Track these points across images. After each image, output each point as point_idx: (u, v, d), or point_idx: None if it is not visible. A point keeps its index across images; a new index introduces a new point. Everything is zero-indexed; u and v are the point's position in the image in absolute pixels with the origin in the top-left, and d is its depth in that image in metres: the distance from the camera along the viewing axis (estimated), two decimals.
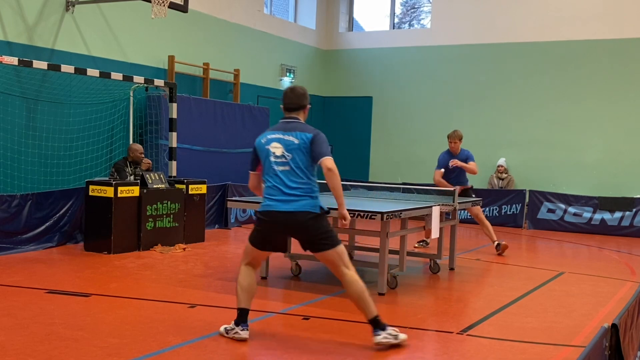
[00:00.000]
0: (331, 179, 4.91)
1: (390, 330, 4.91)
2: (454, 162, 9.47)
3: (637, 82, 13.47)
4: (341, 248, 4.96)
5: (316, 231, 4.89)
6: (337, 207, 5.12)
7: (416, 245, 9.94)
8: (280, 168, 4.92)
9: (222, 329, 5.06)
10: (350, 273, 4.93)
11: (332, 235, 4.94)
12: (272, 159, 4.93)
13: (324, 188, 5.37)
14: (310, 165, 4.94)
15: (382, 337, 4.86)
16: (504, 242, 9.75)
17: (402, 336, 4.94)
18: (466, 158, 9.63)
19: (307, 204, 4.88)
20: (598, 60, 13.78)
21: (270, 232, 5.02)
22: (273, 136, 5.00)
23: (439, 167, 9.69)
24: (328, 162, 4.86)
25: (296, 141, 4.90)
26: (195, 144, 11.56)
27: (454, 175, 9.60)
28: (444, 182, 9.55)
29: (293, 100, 5.07)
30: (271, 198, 4.93)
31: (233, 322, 5.04)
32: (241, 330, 4.99)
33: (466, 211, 13.22)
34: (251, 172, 5.19)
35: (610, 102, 13.69)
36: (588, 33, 13.84)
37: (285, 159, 4.91)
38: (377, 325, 4.90)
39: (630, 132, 13.51)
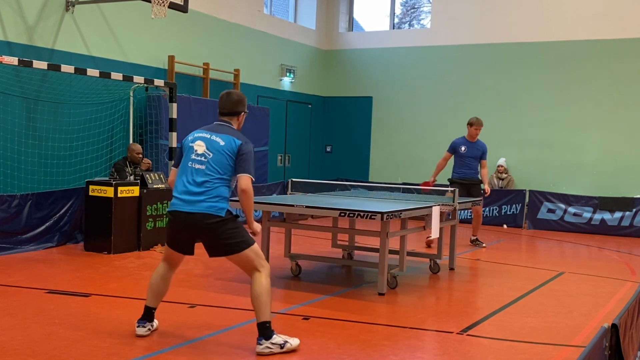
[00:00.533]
0: (242, 200, 4.78)
1: (277, 339, 4.68)
2: (487, 192, 9.94)
3: (638, 82, 13.47)
4: (250, 250, 4.78)
5: (220, 235, 4.73)
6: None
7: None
8: (197, 166, 4.79)
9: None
10: (257, 275, 4.78)
11: (238, 238, 4.76)
12: (193, 156, 4.81)
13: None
14: (229, 169, 4.78)
15: (264, 346, 4.65)
16: (483, 245, 10.08)
17: (293, 343, 4.74)
18: (482, 153, 9.95)
19: (212, 207, 4.71)
20: (598, 60, 13.77)
21: (175, 232, 4.92)
22: (200, 134, 4.90)
23: (450, 150, 9.99)
24: (244, 181, 4.73)
25: (222, 142, 4.77)
26: None
27: (466, 164, 9.85)
28: (439, 169, 9.80)
29: (226, 105, 4.96)
30: (178, 197, 4.81)
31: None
32: (138, 327, 5.00)
33: (467, 211, 13.23)
34: (173, 167, 5.05)
35: (610, 102, 13.69)
36: (588, 33, 13.83)
37: (205, 158, 4.78)
38: (262, 332, 4.69)
39: (630, 132, 13.51)
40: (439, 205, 7.35)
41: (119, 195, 8.59)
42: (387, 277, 6.76)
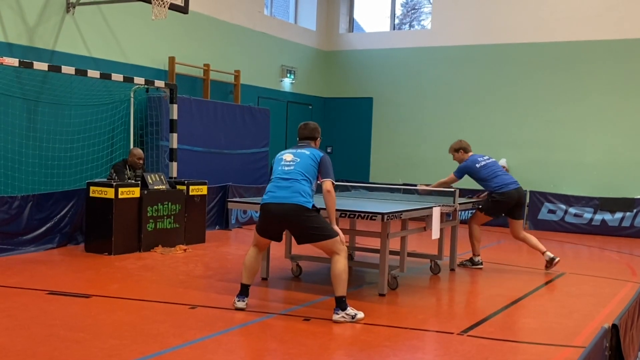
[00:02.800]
0: (328, 200, 5.76)
1: (349, 310, 5.61)
2: (422, 189, 8.95)
3: (638, 82, 13.46)
4: (334, 240, 5.69)
5: (308, 224, 5.66)
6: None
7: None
8: (286, 168, 5.82)
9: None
10: (337, 257, 5.69)
11: (324, 228, 5.69)
12: (283, 163, 5.88)
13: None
14: (313, 173, 5.80)
15: (340, 316, 5.58)
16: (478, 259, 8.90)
17: (359, 315, 5.64)
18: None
19: (301, 200, 5.64)
20: (599, 61, 13.77)
21: (266, 222, 5.87)
22: (288, 150, 6.04)
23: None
24: (329, 184, 5.76)
25: (307, 152, 5.89)
26: (196, 145, 11.56)
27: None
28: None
29: (305, 133, 6.20)
30: (271, 193, 5.79)
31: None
32: (237, 301, 5.89)
33: (467, 212, 13.21)
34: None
35: (610, 103, 13.69)
36: (588, 33, 13.83)
37: (293, 162, 5.83)
38: (339, 304, 5.61)
39: (630, 133, 13.51)
40: (439, 206, 7.35)
41: (120, 196, 8.59)
42: (387, 277, 6.76)
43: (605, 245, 11.36)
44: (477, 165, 8.66)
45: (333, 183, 5.79)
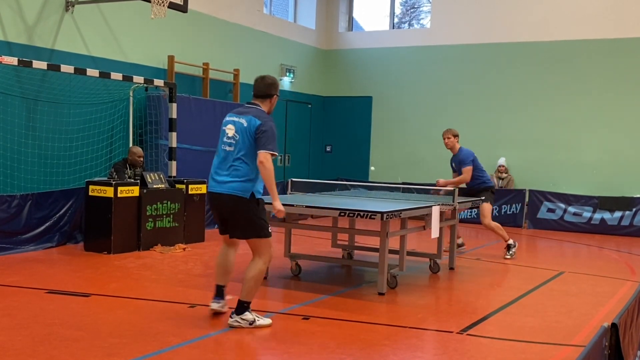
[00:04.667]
0: (262, 173, 5.14)
1: (248, 315, 5.20)
2: (438, 184, 9.17)
3: (638, 81, 13.47)
4: (263, 241, 5.22)
5: (240, 215, 5.18)
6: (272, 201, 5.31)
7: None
8: (227, 148, 5.25)
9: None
10: (257, 259, 5.24)
11: (255, 223, 5.18)
12: (225, 139, 5.27)
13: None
14: (253, 150, 5.16)
15: (234, 319, 5.22)
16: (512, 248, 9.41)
17: (262, 322, 5.24)
18: (459, 162, 9.24)
19: (237, 188, 5.13)
20: (598, 60, 13.77)
21: (213, 212, 5.45)
22: (230, 118, 5.35)
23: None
24: (261, 155, 5.08)
25: (245, 124, 5.19)
26: (195, 144, 11.55)
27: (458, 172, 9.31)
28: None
29: (260, 87, 5.43)
30: (212, 178, 5.33)
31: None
32: (212, 303, 5.54)
33: (466, 211, 13.23)
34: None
35: (610, 102, 13.69)
36: (588, 33, 13.83)
37: (234, 140, 5.22)
38: (238, 307, 5.22)
39: (630, 132, 13.51)
40: (438, 205, 7.35)
41: (119, 195, 8.59)
42: (387, 276, 6.76)
43: (605, 244, 11.37)
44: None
45: (271, 154, 5.11)
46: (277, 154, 5.18)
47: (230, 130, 5.25)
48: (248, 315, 5.18)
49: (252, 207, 5.16)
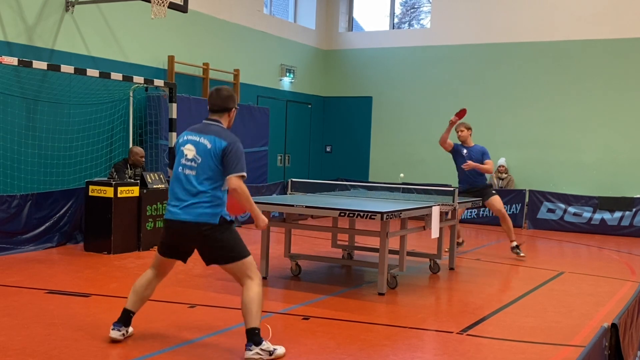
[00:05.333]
0: (237, 199, 4.66)
1: (266, 345, 4.60)
2: (468, 165, 9.18)
3: (637, 81, 13.46)
4: (245, 261, 4.68)
5: (214, 243, 4.67)
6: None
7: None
8: (187, 172, 4.68)
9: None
10: (250, 282, 4.67)
11: (233, 247, 4.67)
12: (183, 161, 4.71)
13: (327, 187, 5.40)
14: (219, 172, 4.64)
15: (254, 352, 4.55)
16: (522, 255, 9.37)
17: (279, 351, 4.67)
18: (483, 154, 9.42)
19: (205, 214, 4.60)
20: (598, 60, 13.77)
21: (170, 241, 4.83)
22: (189, 137, 4.79)
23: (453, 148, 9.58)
24: (233, 182, 4.57)
25: (209, 145, 4.64)
26: None
27: (469, 173, 9.29)
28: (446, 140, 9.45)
29: (217, 102, 4.86)
30: (172, 204, 4.74)
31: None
32: (112, 329, 4.84)
33: (466, 211, 13.22)
34: (171, 170, 4.92)
35: (610, 102, 13.68)
36: (588, 33, 13.83)
37: (195, 162, 4.66)
38: (251, 338, 4.59)
39: (630, 132, 13.51)
40: (438, 205, 7.35)
41: (119, 195, 8.59)
42: (387, 277, 6.76)
43: (605, 245, 11.36)
44: None
45: (242, 176, 4.60)
46: (246, 174, 4.65)
47: (190, 151, 4.68)
48: (266, 345, 4.59)
49: (224, 231, 4.66)
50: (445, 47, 15.19)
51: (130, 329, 4.95)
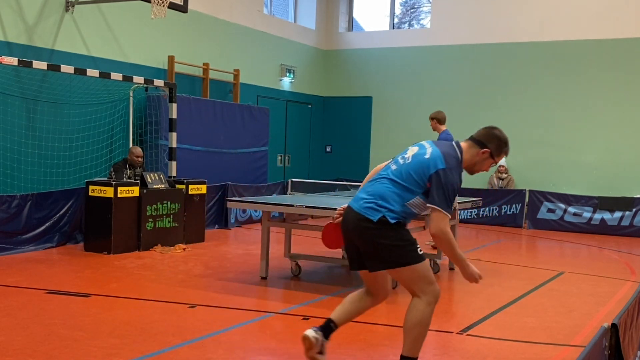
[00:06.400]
0: (438, 244, 4.04)
1: None
2: None
3: (637, 82, 13.46)
4: (411, 269, 3.99)
5: (369, 241, 3.98)
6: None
7: (426, 243, 9.75)
8: (393, 166, 4.11)
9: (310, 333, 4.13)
10: (417, 300, 4.03)
11: (394, 250, 3.97)
12: (400, 158, 4.16)
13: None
14: (414, 184, 3.96)
15: None
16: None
17: None
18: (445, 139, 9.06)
19: (368, 208, 3.97)
20: (598, 60, 13.77)
21: (345, 239, 4.24)
22: (423, 142, 4.19)
23: None
24: (433, 218, 3.89)
25: (427, 156, 3.98)
26: (195, 144, 11.56)
27: None
28: None
29: (481, 131, 4.22)
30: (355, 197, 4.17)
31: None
32: (311, 331, 4.17)
33: (466, 211, 13.23)
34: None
35: (610, 102, 13.69)
36: (588, 33, 13.83)
37: (404, 161, 4.07)
38: None
39: (630, 132, 13.50)
40: None
41: (119, 195, 8.58)
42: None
43: (605, 245, 11.36)
44: None
45: (446, 215, 3.94)
46: (449, 215, 3.93)
47: (412, 150, 4.12)
48: None
49: (386, 231, 3.96)
50: (445, 47, 15.19)
51: (325, 346, 4.16)
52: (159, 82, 10.02)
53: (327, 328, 4.18)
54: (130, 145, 10.24)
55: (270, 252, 7.52)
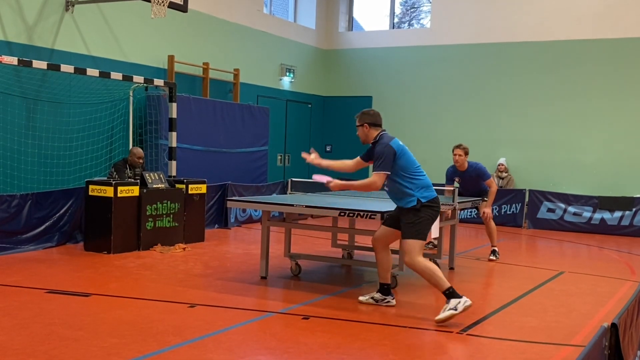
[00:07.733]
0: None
1: (453, 303, 5.59)
2: (485, 216, 8.86)
3: (637, 81, 13.47)
4: (414, 242, 5.82)
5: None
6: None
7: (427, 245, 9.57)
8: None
9: (365, 298, 6.28)
10: (418, 261, 5.78)
11: (411, 228, 5.87)
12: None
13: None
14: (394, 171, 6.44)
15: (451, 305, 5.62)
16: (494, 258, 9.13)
17: (463, 304, 5.60)
18: (477, 176, 8.88)
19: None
20: (598, 60, 13.78)
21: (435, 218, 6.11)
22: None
23: (447, 182, 9.13)
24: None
25: None
26: (195, 144, 11.56)
27: (470, 188, 8.96)
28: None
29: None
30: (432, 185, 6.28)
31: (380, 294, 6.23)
32: (392, 299, 6.23)
33: (466, 211, 13.23)
34: (385, 172, 6.25)
35: (610, 102, 13.69)
36: (588, 32, 13.83)
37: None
38: (449, 296, 5.65)
39: (630, 132, 13.51)
40: None
41: (119, 195, 8.58)
42: None
43: (605, 244, 11.36)
44: None
45: (378, 174, 6.37)
46: (383, 172, 6.33)
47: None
48: (453, 302, 5.64)
49: (412, 213, 6.03)
50: (445, 47, 15.19)
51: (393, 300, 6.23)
52: (159, 82, 10.03)
53: (383, 289, 6.30)
54: (130, 145, 10.24)
55: (270, 252, 7.52)
